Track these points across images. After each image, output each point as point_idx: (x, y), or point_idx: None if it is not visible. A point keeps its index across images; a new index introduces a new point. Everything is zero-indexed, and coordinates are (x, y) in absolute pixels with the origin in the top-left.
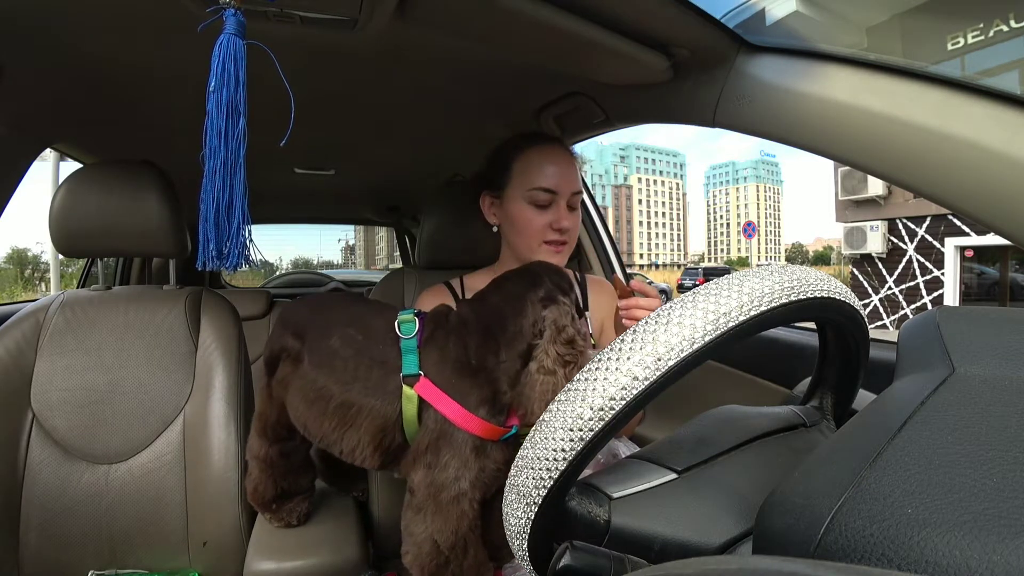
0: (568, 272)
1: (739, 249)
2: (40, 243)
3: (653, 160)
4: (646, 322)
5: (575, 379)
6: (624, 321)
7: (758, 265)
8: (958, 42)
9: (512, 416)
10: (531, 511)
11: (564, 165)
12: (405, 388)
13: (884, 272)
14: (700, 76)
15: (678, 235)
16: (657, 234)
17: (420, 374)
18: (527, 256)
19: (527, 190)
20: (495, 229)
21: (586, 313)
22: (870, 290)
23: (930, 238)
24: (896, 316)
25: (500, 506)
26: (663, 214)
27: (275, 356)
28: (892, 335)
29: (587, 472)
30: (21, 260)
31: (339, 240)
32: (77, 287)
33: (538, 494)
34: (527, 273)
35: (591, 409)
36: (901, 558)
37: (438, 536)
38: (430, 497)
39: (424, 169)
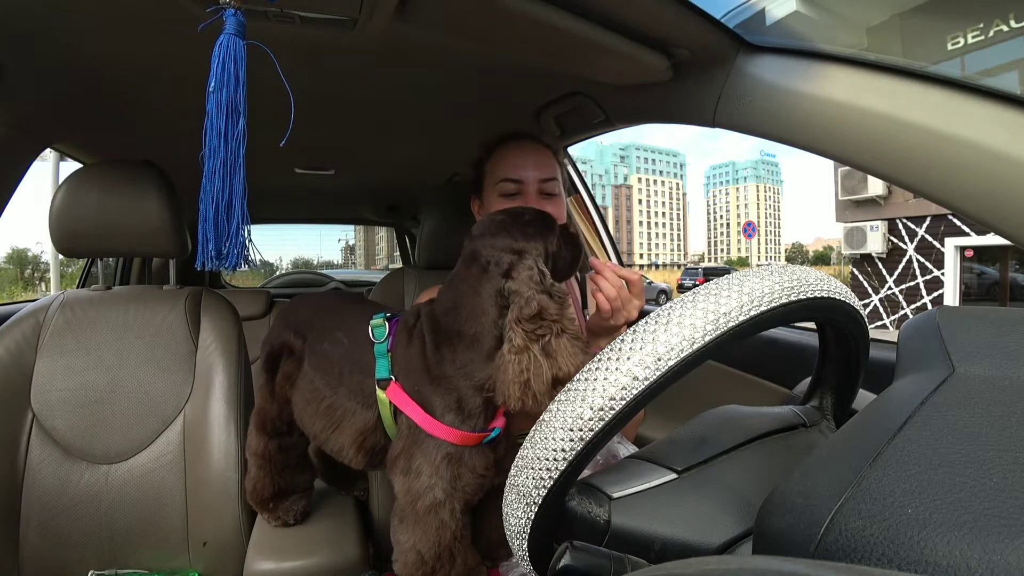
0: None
1: (739, 249)
2: (40, 243)
3: (653, 160)
4: (646, 322)
5: (575, 379)
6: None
7: (758, 265)
8: (958, 42)
9: (496, 418)
10: (531, 511)
11: (530, 155)
12: (378, 392)
13: (884, 272)
14: (700, 76)
15: (678, 235)
16: (657, 234)
17: (391, 378)
18: None
19: (495, 184)
20: None
21: (586, 312)
22: (870, 290)
23: (930, 238)
24: (896, 316)
25: (494, 507)
26: (663, 214)
27: (276, 352)
28: (892, 335)
29: (586, 473)
30: (21, 260)
31: (339, 240)
32: (77, 287)
33: (538, 494)
34: (469, 258)
35: (591, 409)
36: (901, 558)
37: (420, 547)
38: (409, 505)
39: (424, 169)
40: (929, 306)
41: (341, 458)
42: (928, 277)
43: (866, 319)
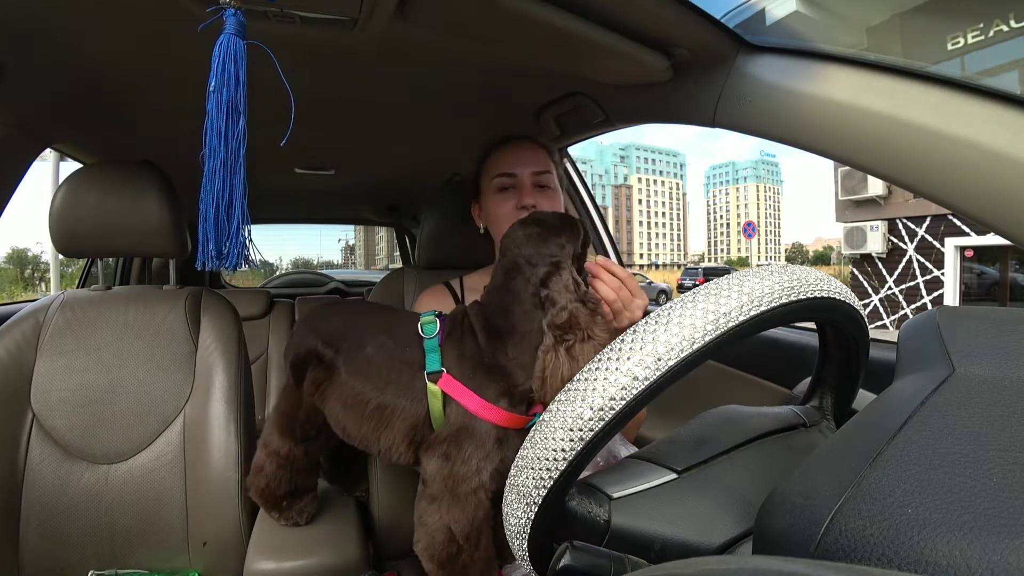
0: (557, 212)
1: (739, 249)
2: (40, 243)
3: (653, 160)
4: (646, 322)
5: (575, 379)
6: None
7: (758, 265)
8: (958, 42)
9: (537, 404)
10: (531, 511)
11: (524, 152)
12: (429, 385)
13: (884, 272)
14: (700, 76)
15: (678, 235)
16: (657, 234)
17: (442, 370)
18: None
19: (491, 181)
20: (481, 230)
21: None
22: (870, 290)
23: (930, 238)
24: (896, 316)
25: (499, 508)
26: (663, 214)
27: (302, 359)
28: (892, 335)
29: (586, 473)
30: (21, 260)
31: (339, 240)
32: (77, 287)
33: (538, 494)
34: (512, 269)
35: (591, 409)
36: (901, 558)
37: (455, 526)
38: (446, 489)
39: (424, 169)
40: (929, 306)
41: (389, 456)
42: (928, 277)
43: (866, 319)
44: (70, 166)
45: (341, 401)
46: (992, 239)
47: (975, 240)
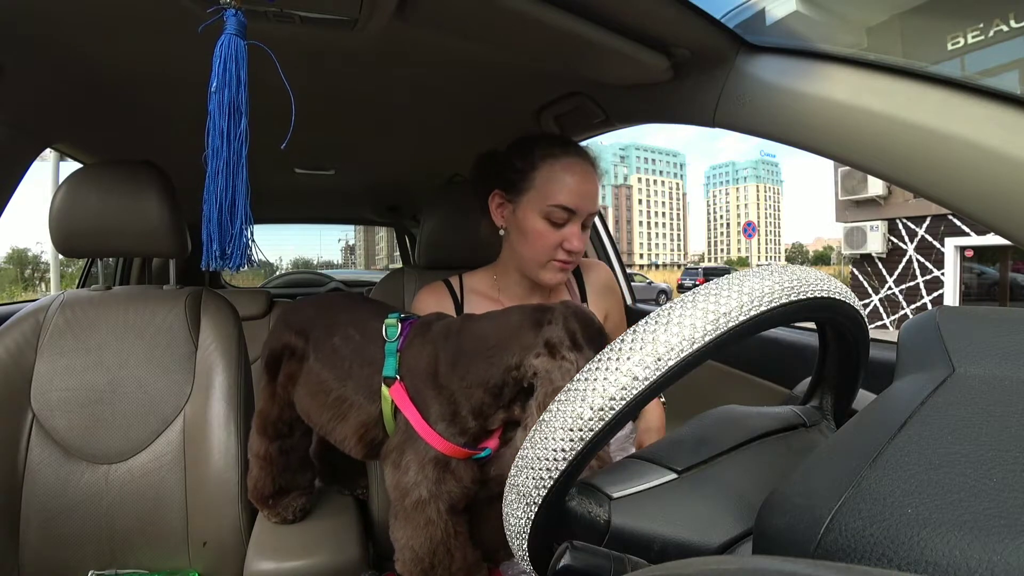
0: (597, 320)
1: (739, 249)
2: (40, 243)
3: (653, 160)
4: (646, 322)
5: (575, 379)
6: None
7: (758, 265)
8: (958, 42)
9: (491, 438)
10: (531, 511)
11: (589, 183)
12: (383, 388)
13: (884, 272)
14: (700, 76)
15: (678, 235)
16: (657, 234)
17: (396, 377)
18: (530, 269)
19: (547, 204)
20: (501, 232)
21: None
22: (870, 290)
23: (930, 238)
24: (896, 316)
25: (492, 511)
26: (663, 214)
27: (277, 354)
28: (892, 335)
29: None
30: (21, 260)
31: (339, 240)
32: (77, 287)
33: (538, 494)
34: (540, 311)
35: (591, 409)
36: (901, 558)
37: (414, 543)
38: (398, 501)
39: (424, 169)
40: (929, 306)
41: (343, 448)
42: (928, 277)
43: (866, 319)
44: (70, 166)
45: (307, 387)
46: (992, 239)
47: (975, 240)
